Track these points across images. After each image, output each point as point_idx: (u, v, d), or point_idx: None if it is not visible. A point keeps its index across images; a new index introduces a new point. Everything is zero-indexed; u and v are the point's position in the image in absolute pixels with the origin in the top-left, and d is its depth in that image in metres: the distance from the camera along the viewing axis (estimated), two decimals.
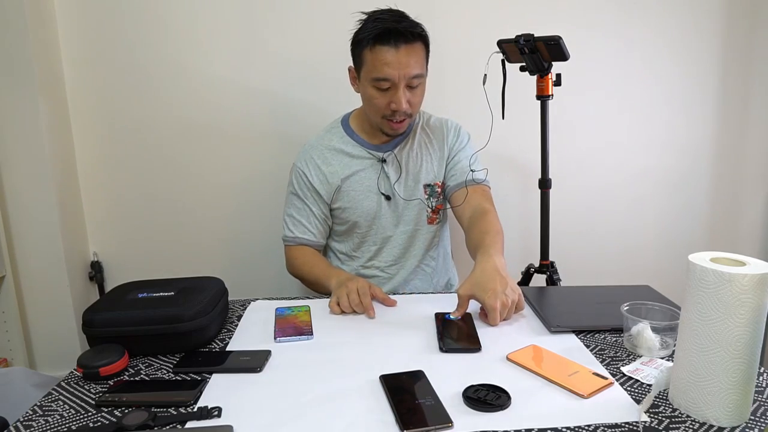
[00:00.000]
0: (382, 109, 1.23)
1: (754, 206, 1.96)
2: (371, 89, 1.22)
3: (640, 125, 1.85)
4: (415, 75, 1.20)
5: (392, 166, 1.35)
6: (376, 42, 1.17)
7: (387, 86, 1.20)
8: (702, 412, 0.70)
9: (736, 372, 0.67)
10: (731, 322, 0.66)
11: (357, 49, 1.24)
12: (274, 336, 0.97)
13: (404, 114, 1.23)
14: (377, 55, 1.18)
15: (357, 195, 1.34)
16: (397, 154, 1.35)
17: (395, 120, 1.25)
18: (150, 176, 1.77)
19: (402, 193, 1.36)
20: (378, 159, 1.34)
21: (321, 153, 1.35)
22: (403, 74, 1.18)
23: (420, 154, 1.37)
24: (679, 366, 0.73)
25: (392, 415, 0.72)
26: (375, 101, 1.23)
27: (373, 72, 1.20)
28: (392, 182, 1.34)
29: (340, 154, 1.34)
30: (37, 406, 0.77)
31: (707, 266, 0.67)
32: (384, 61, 1.17)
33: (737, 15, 1.79)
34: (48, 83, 1.61)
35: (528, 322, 1.02)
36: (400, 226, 1.38)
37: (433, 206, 1.38)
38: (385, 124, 1.27)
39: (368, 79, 1.22)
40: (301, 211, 1.36)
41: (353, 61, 1.28)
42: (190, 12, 1.66)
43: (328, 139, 1.37)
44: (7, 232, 1.63)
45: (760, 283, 0.64)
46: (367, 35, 1.18)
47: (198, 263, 1.84)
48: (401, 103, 1.20)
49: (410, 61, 1.18)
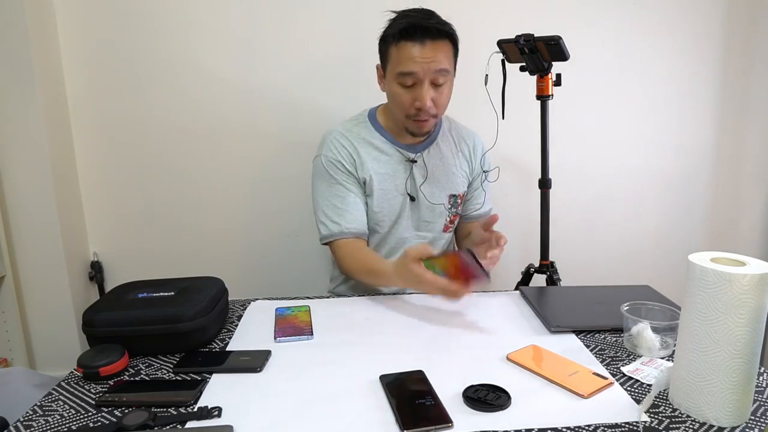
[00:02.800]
0: (407, 107, 1.21)
1: (754, 206, 1.96)
2: (396, 86, 1.20)
3: (640, 125, 1.85)
4: (440, 69, 1.17)
5: (419, 169, 1.32)
6: (401, 37, 1.16)
7: (411, 82, 1.18)
8: (702, 412, 0.70)
9: (736, 372, 0.67)
10: (731, 322, 0.66)
11: (384, 45, 1.22)
12: (274, 336, 0.97)
13: (429, 113, 1.21)
14: (402, 51, 1.16)
15: (384, 193, 1.31)
16: (425, 157, 1.33)
17: (420, 119, 1.22)
18: (150, 176, 1.77)
19: (428, 196, 1.33)
20: (408, 159, 1.31)
21: (351, 142, 1.30)
22: (428, 69, 1.16)
23: (447, 162, 1.35)
24: (679, 366, 0.73)
25: (392, 415, 0.72)
26: (400, 98, 1.21)
27: (397, 67, 1.18)
28: (418, 184, 1.32)
29: (370, 147, 1.30)
30: (37, 406, 0.77)
31: (707, 266, 0.67)
32: (408, 56, 1.16)
33: (737, 15, 1.79)
34: (48, 83, 1.61)
35: (528, 322, 1.02)
36: (419, 230, 1.36)
37: (451, 217, 1.38)
38: (410, 122, 1.24)
39: (393, 74, 1.20)
40: (344, 199, 1.27)
41: (380, 59, 1.26)
42: (190, 12, 1.66)
43: (357, 130, 1.32)
44: (7, 232, 1.63)
45: (760, 283, 0.64)
46: (393, 31, 1.18)
47: (198, 263, 1.84)
48: (426, 99, 1.18)
49: (436, 56, 1.16)
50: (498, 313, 1.07)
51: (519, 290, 1.19)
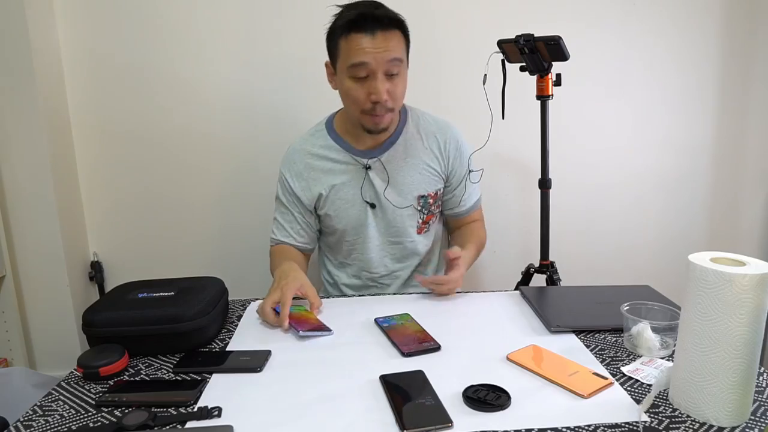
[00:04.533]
0: (362, 102, 1.16)
1: (753, 206, 1.96)
2: (348, 81, 1.16)
3: (640, 125, 1.85)
4: (393, 59, 1.13)
5: (378, 174, 1.29)
6: (351, 29, 1.11)
7: (364, 74, 1.14)
8: (702, 412, 0.70)
9: (736, 372, 0.67)
10: (731, 322, 0.66)
11: (332, 40, 1.17)
12: (296, 330, 0.96)
13: (385, 107, 1.17)
14: (352, 42, 1.12)
15: (342, 204, 1.30)
16: (384, 161, 1.28)
17: (376, 113, 1.18)
18: (150, 176, 1.77)
19: (393, 201, 1.29)
20: (363, 165, 1.28)
21: (303, 158, 1.30)
22: (381, 59, 1.12)
23: (412, 163, 1.30)
24: (679, 366, 0.73)
25: (392, 415, 0.72)
26: (353, 93, 1.16)
27: (348, 59, 1.13)
28: (380, 190, 1.29)
29: (324, 160, 1.29)
30: (37, 406, 0.77)
31: (707, 266, 0.67)
32: (359, 47, 1.11)
33: (737, 15, 1.79)
34: (48, 84, 1.61)
35: (528, 322, 1.02)
36: (390, 236, 1.33)
37: (424, 218, 1.34)
38: (366, 118, 1.19)
39: (344, 69, 1.15)
40: (284, 216, 1.34)
41: (329, 56, 1.21)
42: (189, 13, 1.66)
43: (311, 143, 1.31)
44: (7, 232, 1.63)
45: (760, 283, 0.64)
46: (342, 23, 1.13)
47: (198, 263, 1.84)
48: (381, 91, 1.14)
49: (387, 45, 1.12)
50: (498, 313, 1.07)
51: (519, 290, 1.19)
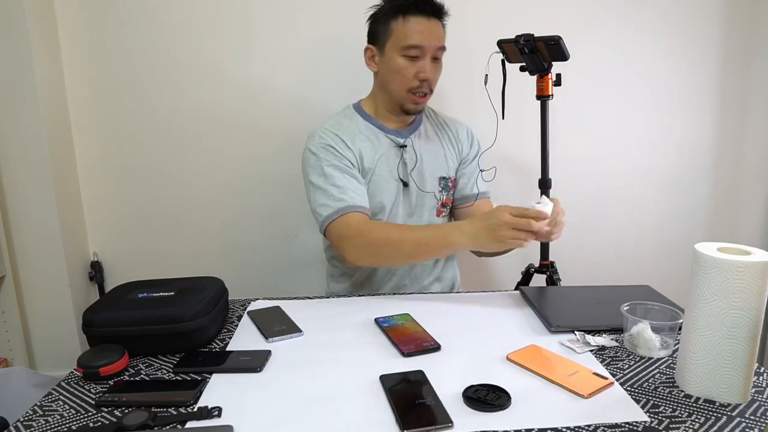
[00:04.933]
0: (410, 80, 1.24)
1: (754, 206, 1.95)
2: (400, 59, 1.24)
3: (640, 125, 1.85)
4: (442, 46, 1.25)
5: (409, 154, 1.34)
6: (409, 11, 1.21)
7: (416, 54, 1.22)
8: (707, 390, 0.75)
9: (731, 352, 0.73)
10: (726, 305, 0.72)
11: (383, 21, 1.25)
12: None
13: (428, 87, 1.26)
14: (410, 24, 1.21)
15: (380, 180, 1.31)
16: (414, 141, 1.35)
17: (421, 91, 1.26)
18: (150, 176, 1.77)
19: (417, 182, 1.34)
20: (398, 144, 1.33)
21: (339, 131, 1.29)
22: (434, 44, 1.22)
23: (435, 146, 1.38)
24: (684, 348, 0.79)
25: (392, 415, 0.72)
26: (404, 72, 1.24)
27: (405, 40, 1.22)
28: (409, 169, 1.33)
29: (361, 136, 1.31)
30: (37, 406, 0.77)
31: (714, 255, 0.72)
32: (417, 29, 1.21)
33: (737, 15, 1.79)
34: (48, 83, 1.61)
35: (528, 322, 1.02)
36: (413, 216, 1.36)
37: (443, 199, 1.39)
38: (409, 98, 1.27)
39: (397, 48, 1.23)
40: (343, 179, 1.23)
41: (373, 39, 1.29)
42: (189, 12, 1.66)
43: (346, 123, 1.32)
44: (7, 232, 1.63)
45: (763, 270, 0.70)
46: (399, 6, 1.22)
47: (198, 263, 1.83)
48: (430, 70, 1.23)
49: (439, 31, 1.24)
50: (498, 313, 1.07)
51: (519, 290, 1.19)
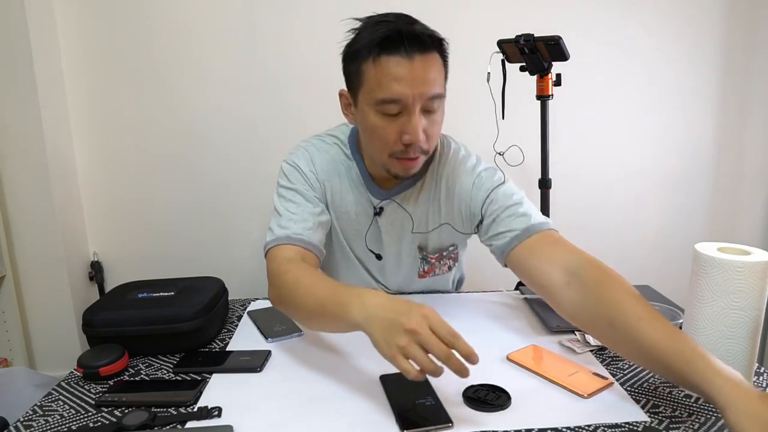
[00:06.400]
0: (391, 144, 0.89)
1: (754, 206, 1.96)
2: (375, 117, 0.89)
3: (640, 125, 1.85)
4: (434, 95, 0.87)
5: (387, 219, 1.04)
6: (381, 50, 0.85)
7: (397, 110, 0.87)
8: None
9: (730, 351, 0.75)
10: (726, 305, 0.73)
11: (353, 63, 0.90)
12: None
13: (419, 149, 0.90)
14: (383, 68, 0.85)
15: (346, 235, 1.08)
16: (401, 202, 1.03)
17: (408, 156, 0.90)
18: (150, 176, 1.77)
19: (393, 256, 1.08)
20: (373, 207, 1.03)
21: (317, 162, 1.04)
22: (419, 93, 0.85)
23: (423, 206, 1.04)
24: None
25: (392, 415, 0.72)
26: (380, 133, 0.89)
27: (378, 92, 0.86)
28: (384, 242, 1.06)
29: (342, 178, 1.04)
30: (37, 406, 0.77)
31: (714, 255, 0.73)
32: (393, 76, 0.84)
33: (737, 15, 1.79)
34: (48, 83, 1.61)
35: (528, 322, 1.02)
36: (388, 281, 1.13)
37: (425, 269, 1.12)
38: (394, 163, 0.92)
39: (370, 102, 0.88)
40: (298, 207, 0.98)
41: (346, 82, 0.94)
42: (189, 12, 1.66)
43: (332, 153, 1.05)
44: (7, 232, 1.63)
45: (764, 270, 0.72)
46: (369, 43, 0.86)
47: (198, 263, 1.84)
48: (417, 132, 0.87)
49: (428, 74, 0.85)
50: (498, 313, 1.07)
51: (519, 290, 1.19)
